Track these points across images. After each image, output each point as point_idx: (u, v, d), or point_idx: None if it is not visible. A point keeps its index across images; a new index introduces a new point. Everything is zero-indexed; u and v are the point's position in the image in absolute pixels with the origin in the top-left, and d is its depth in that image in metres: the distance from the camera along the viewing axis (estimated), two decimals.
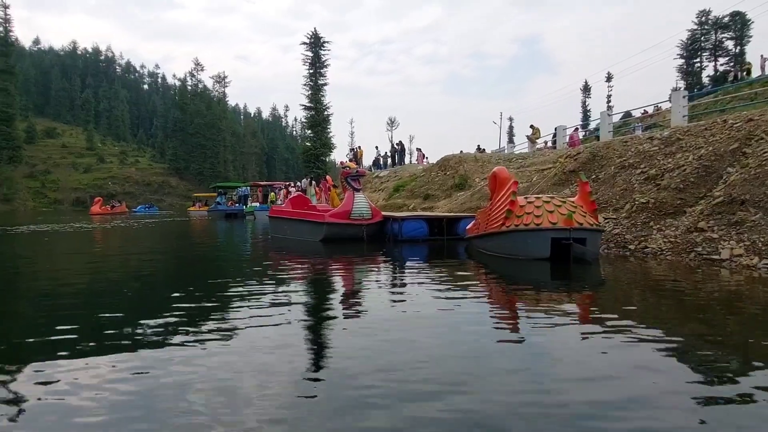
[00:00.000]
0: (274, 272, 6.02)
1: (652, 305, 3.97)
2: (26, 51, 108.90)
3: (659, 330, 3.07)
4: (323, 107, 47.42)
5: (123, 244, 10.65)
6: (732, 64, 56.37)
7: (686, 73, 63.49)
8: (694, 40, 62.40)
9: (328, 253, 8.06)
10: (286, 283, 5.23)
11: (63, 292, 4.83)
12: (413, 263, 6.79)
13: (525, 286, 4.91)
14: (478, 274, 5.94)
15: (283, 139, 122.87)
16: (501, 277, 5.67)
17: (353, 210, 8.89)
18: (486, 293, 4.76)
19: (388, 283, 5.40)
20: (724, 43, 60.60)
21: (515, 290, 4.81)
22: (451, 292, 4.57)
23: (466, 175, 13.84)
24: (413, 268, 6.31)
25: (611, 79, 74.05)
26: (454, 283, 5.09)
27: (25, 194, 63.67)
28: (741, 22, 57.54)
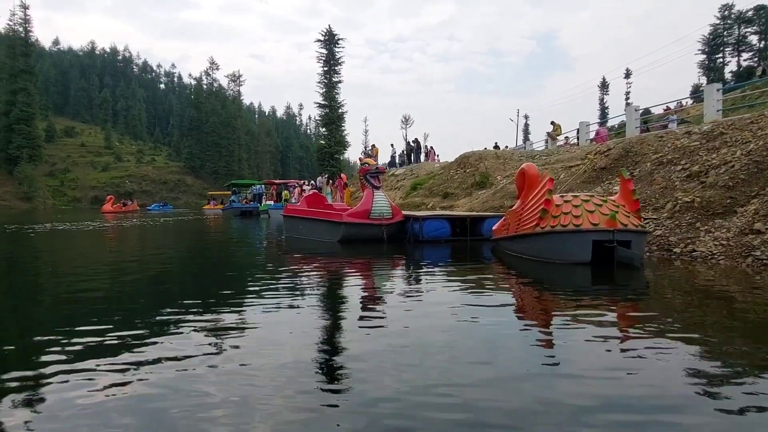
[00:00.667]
0: (290, 275, 5.65)
1: (714, 317, 3.48)
2: (46, 51, 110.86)
3: (726, 348, 2.60)
4: (337, 105, 47.17)
5: (132, 244, 10.43)
6: (756, 60, 54.67)
7: (708, 68, 61.71)
8: (717, 35, 60.59)
9: (346, 254, 7.67)
10: (302, 288, 4.85)
11: (80, 292, 4.53)
12: (436, 266, 6.37)
13: (563, 294, 4.44)
14: (509, 279, 5.48)
15: (297, 138, 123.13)
16: (535, 282, 5.20)
17: (373, 209, 8.45)
18: (518, 300, 4.34)
19: (409, 288, 5.00)
20: (747, 38, 58.71)
21: (552, 297, 4.35)
22: (478, 298, 4.17)
23: (487, 173, 13.33)
24: (436, 271, 5.89)
25: (630, 75, 72.52)
26: (482, 288, 4.67)
27: (44, 192, 64.71)
28: (766, 16, 55.60)
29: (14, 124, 57.85)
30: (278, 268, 6.15)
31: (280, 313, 3.67)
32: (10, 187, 57.99)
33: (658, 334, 2.98)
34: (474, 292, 4.45)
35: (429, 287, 4.91)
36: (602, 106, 74.87)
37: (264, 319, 3.48)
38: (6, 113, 57.64)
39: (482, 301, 4.08)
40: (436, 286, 4.90)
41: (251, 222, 20.19)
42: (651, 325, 3.19)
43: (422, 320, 3.43)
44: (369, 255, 7.57)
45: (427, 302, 4.11)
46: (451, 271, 5.92)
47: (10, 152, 57.45)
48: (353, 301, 4.35)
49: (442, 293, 4.51)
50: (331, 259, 7.11)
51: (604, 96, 76.05)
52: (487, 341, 2.94)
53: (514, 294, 4.62)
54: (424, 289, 4.85)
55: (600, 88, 76.75)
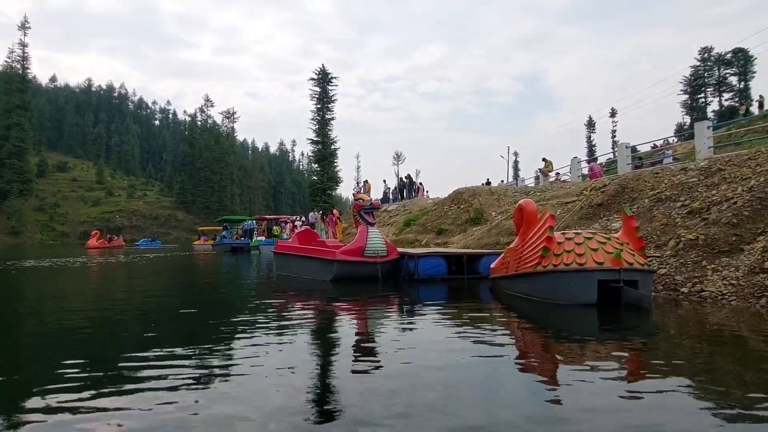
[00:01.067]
0: (279, 316, 5.29)
1: (727, 364, 3.17)
2: (42, 88, 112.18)
3: (739, 398, 2.30)
4: (330, 141, 47.62)
5: (112, 284, 9.95)
6: (737, 99, 56.63)
7: (691, 108, 63.79)
8: (698, 76, 63.02)
9: (339, 293, 7.31)
10: (292, 329, 4.51)
11: (63, 333, 4.12)
12: (432, 306, 6.03)
13: (567, 337, 4.14)
14: (508, 321, 5.16)
15: (290, 174, 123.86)
16: (537, 324, 4.89)
17: (367, 246, 8.11)
18: (518, 342, 4.04)
19: (403, 329, 4.67)
20: (727, 79, 61.04)
21: (555, 340, 4.05)
22: (476, 341, 3.86)
23: (482, 209, 13.17)
24: (432, 311, 5.56)
25: (615, 114, 74.74)
26: (480, 330, 4.35)
27: (33, 227, 63.80)
28: (744, 58, 58.01)
29: (6, 159, 57.65)
30: (267, 309, 5.78)
31: (269, 356, 3.41)
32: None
33: (668, 382, 2.71)
34: (471, 335, 4.13)
35: (424, 328, 4.59)
36: (590, 144, 76.64)
37: (252, 362, 3.24)
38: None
39: (480, 344, 3.77)
40: (431, 327, 4.59)
41: (242, 258, 19.73)
42: (661, 372, 2.92)
43: (416, 363, 3.17)
44: (363, 294, 7.22)
45: (422, 344, 3.81)
46: (447, 311, 5.59)
47: (1, 186, 56.91)
48: (345, 343, 4.01)
49: (438, 335, 4.21)
50: (323, 299, 6.74)
51: (591, 134, 78.05)
52: (485, 388, 2.77)
53: (513, 336, 4.30)
54: (420, 330, 4.52)
55: (587, 127, 78.84)
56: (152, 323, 5.13)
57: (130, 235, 65.01)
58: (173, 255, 21.29)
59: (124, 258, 18.04)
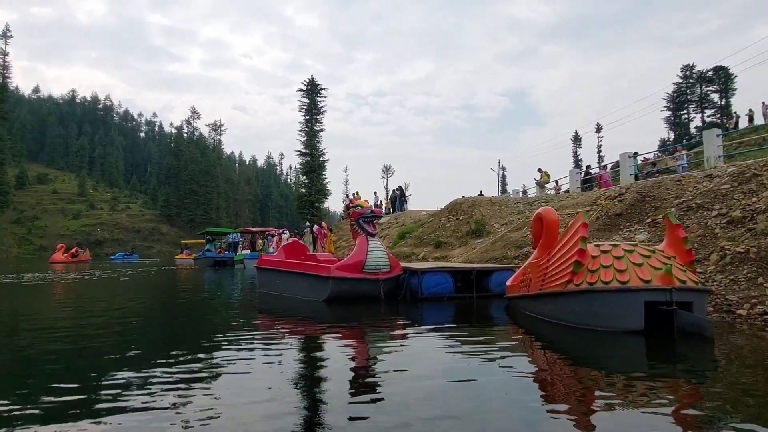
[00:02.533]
0: (262, 344, 4.31)
1: None
2: (25, 99, 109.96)
3: None
4: (319, 153, 46.75)
5: (68, 305, 8.82)
6: (719, 116, 57.46)
7: (674, 124, 64.63)
8: (680, 93, 63.98)
9: (333, 316, 6.31)
10: (277, 360, 3.57)
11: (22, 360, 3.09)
12: (439, 329, 5.10)
13: (608, 372, 3.25)
14: (532, 350, 4.25)
15: (277, 187, 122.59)
16: (567, 354, 3.96)
17: (367, 261, 6.96)
18: (547, 377, 3.17)
19: (407, 359, 3.77)
20: (709, 96, 62.05)
21: (593, 376, 3.19)
22: (494, 374, 3.07)
23: (483, 221, 12.32)
24: (440, 336, 4.65)
25: (601, 129, 75.47)
26: (499, 360, 3.53)
27: (9, 240, 61.52)
28: (725, 76, 59.05)
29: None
30: (246, 338, 4.77)
31: (252, 392, 2.78)
32: None
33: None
34: (489, 366, 3.28)
35: (432, 358, 3.69)
36: (576, 158, 77.07)
37: (231, 400, 2.63)
38: None
39: (500, 379, 2.90)
40: (441, 357, 3.74)
41: (225, 273, 18.53)
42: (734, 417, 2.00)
43: (424, 402, 2.46)
44: (361, 316, 6.24)
45: (431, 378, 2.99)
46: (458, 336, 4.68)
47: None
48: (338, 378, 3.11)
49: (448, 366, 3.35)
50: (315, 323, 5.74)
51: (577, 149, 78.60)
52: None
53: (540, 369, 3.41)
54: (427, 360, 3.59)
55: (573, 141, 79.40)
56: (114, 358, 4.10)
57: (111, 248, 63.02)
58: (151, 270, 19.99)
59: (88, 275, 16.54)
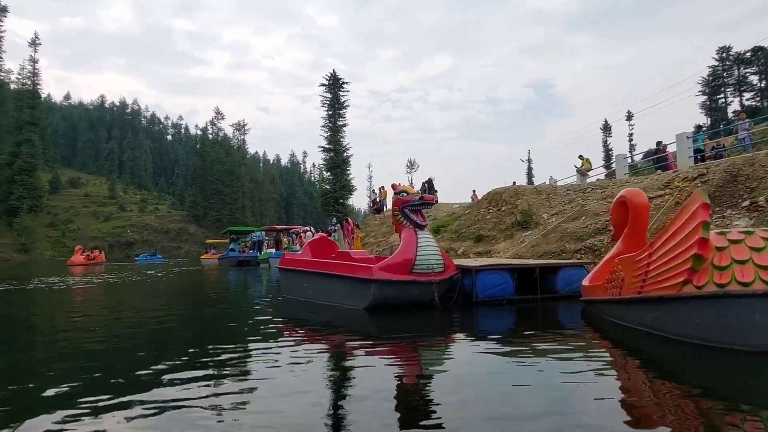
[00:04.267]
0: (291, 364, 3.28)
1: None
2: (57, 106, 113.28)
3: None
4: (342, 149, 45.91)
5: (83, 312, 8.04)
6: (758, 98, 53.85)
7: (710, 109, 61.02)
8: (716, 76, 60.30)
9: (376, 327, 5.25)
10: (310, 386, 2.52)
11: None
12: (503, 342, 4.01)
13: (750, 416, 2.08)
14: (634, 380, 3.01)
15: (302, 185, 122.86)
16: (691, 385, 2.73)
17: (417, 259, 5.67)
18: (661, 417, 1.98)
19: (468, 382, 2.73)
20: (748, 78, 58.30)
21: (736, 420, 2.00)
22: (584, 406, 1.83)
23: (530, 211, 11.05)
24: (504, 351, 3.60)
25: (632, 117, 72.02)
26: (588, 385, 2.39)
27: (44, 244, 63.07)
28: (765, 56, 55.28)
29: (16, 175, 57.02)
30: (273, 356, 3.75)
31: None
32: (8, 239, 56.36)
33: None
34: (576, 393, 2.12)
35: (495, 381, 2.56)
36: (606, 148, 73.97)
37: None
38: (9, 164, 56.99)
39: (593, 415, 1.75)
40: (508, 379, 2.63)
41: (249, 273, 17.78)
42: None
43: None
44: (409, 327, 5.16)
45: (495, 405, 1.84)
46: (526, 352, 3.57)
47: (11, 203, 56.30)
48: (383, 401, 2.04)
49: (519, 395, 2.24)
50: (352, 336, 4.69)
51: (606, 138, 75.48)
52: None
53: (650, 404, 2.22)
54: (489, 384, 2.47)
55: (603, 131, 76.26)
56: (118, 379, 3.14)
57: (141, 249, 63.91)
58: (173, 271, 19.43)
59: (104, 278, 15.84)
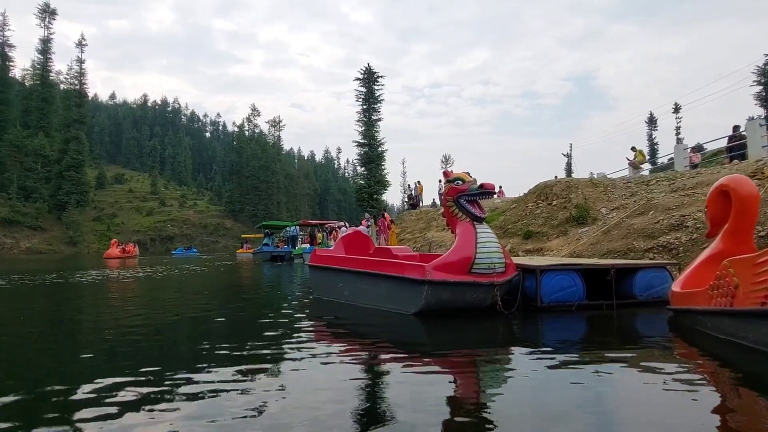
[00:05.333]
0: (326, 370, 2.60)
1: None
2: (103, 105, 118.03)
3: None
4: (377, 143, 45.21)
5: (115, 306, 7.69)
6: None
7: (766, 100, 56.54)
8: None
9: (426, 336, 4.54)
10: (352, 409, 1.85)
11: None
12: (578, 360, 3.19)
13: None
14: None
15: (336, 181, 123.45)
16: None
17: (478, 256, 4.89)
18: None
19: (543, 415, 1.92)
20: None
21: None
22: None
23: (586, 206, 10.03)
24: (582, 370, 2.80)
25: (679, 110, 67.61)
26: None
27: (90, 237, 65.68)
28: None
29: (65, 171, 59.47)
30: (306, 365, 3.10)
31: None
32: (57, 232, 58.96)
33: None
34: None
35: (578, 410, 1.78)
36: (651, 142, 70.16)
37: None
38: (58, 161, 59.52)
39: None
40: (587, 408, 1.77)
41: (283, 269, 17.43)
42: None
43: None
44: (464, 338, 4.43)
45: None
46: (611, 370, 2.79)
47: (60, 198, 58.76)
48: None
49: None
50: (397, 346, 3.99)
51: (652, 132, 71.69)
52: None
53: None
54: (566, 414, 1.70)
55: (648, 124, 72.43)
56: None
57: (180, 243, 65.57)
58: (207, 266, 19.33)
59: (141, 270, 15.79)
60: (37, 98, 60.26)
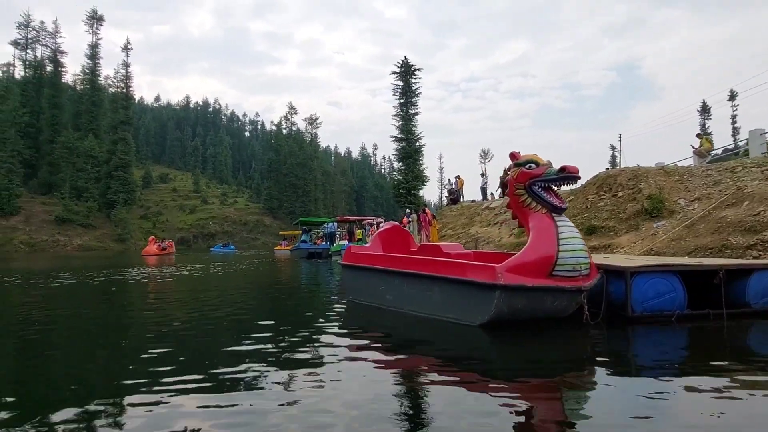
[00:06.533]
0: (373, 387, 1.88)
1: None
2: (148, 107, 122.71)
3: None
4: (415, 138, 44.27)
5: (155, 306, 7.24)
6: None
7: None
8: None
9: (495, 352, 3.72)
10: None
11: None
12: (690, 387, 2.27)
13: None
14: None
15: (372, 177, 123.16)
16: None
17: (560, 255, 4.01)
18: None
19: None
20: None
21: None
22: None
23: (660, 197, 8.83)
24: (698, 402, 2.00)
25: (735, 97, 62.43)
26: None
27: (137, 234, 68.20)
28: None
29: (113, 171, 61.86)
30: (349, 386, 2.36)
31: None
32: (107, 230, 61.44)
33: None
34: None
35: None
36: (704, 131, 65.43)
37: None
38: (107, 161, 61.97)
39: None
40: None
41: (321, 266, 16.88)
42: None
43: None
44: (540, 355, 3.57)
45: None
46: (730, 399, 1.99)
47: (108, 197, 61.17)
48: None
49: None
50: (459, 365, 3.19)
51: (705, 121, 66.94)
52: None
53: None
54: None
55: (700, 113, 67.68)
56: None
57: (221, 239, 66.99)
58: (242, 264, 19.06)
59: (177, 267, 15.58)
60: (87, 102, 62.87)
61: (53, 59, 62.19)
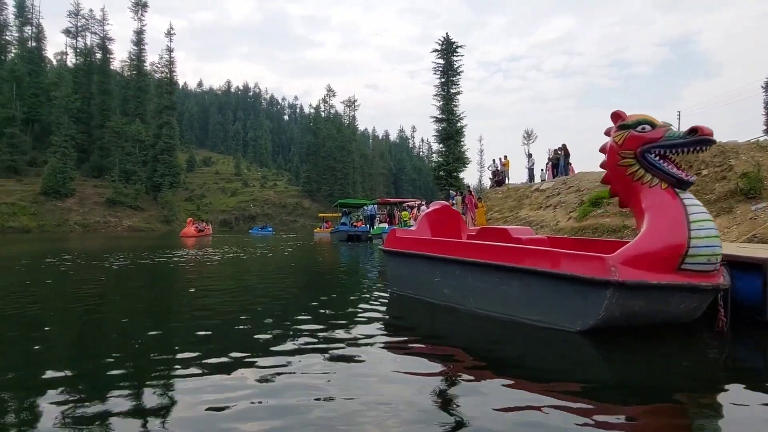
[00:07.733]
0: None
1: None
2: (192, 93, 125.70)
3: None
4: (456, 118, 42.74)
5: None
6: None
7: None
8: None
9: (600, 366, 2.92)
10: None
11: None
12: None
13: None
14: None
15: (410, 160, 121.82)
16: None
17: (692, 242, 3.06)
18: None
19: None
20: None
21: None
22: None
23: (759, 174, 7.56)
24: None
25: None
26: None
27: (182, 216, 70.41)
28: None
29: (159, 155, 63.77)
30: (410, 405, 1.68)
31: None
32: (154, 211, 63.73)
33: None
34: None
35: None
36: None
37: None
38: (153, 145, 63.92)
39: None
40: None
41: (360, 250, 16.32)
42: None
43: None
44: (657, 372, 2.74)
45: None
46: None
47: (155, 180, 63.23)
48: None
49: None
50: (556, 384, 2.42)
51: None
52: None
53: None
54: None
55: (765, 89, 61.73)
56: None
57: (262, 221, 68.15)
58: (280, 246, 18.77)
59: (215, 250, 15.33)
60: (134, 87, 64.78)
61: (102, 46, 64.18)
